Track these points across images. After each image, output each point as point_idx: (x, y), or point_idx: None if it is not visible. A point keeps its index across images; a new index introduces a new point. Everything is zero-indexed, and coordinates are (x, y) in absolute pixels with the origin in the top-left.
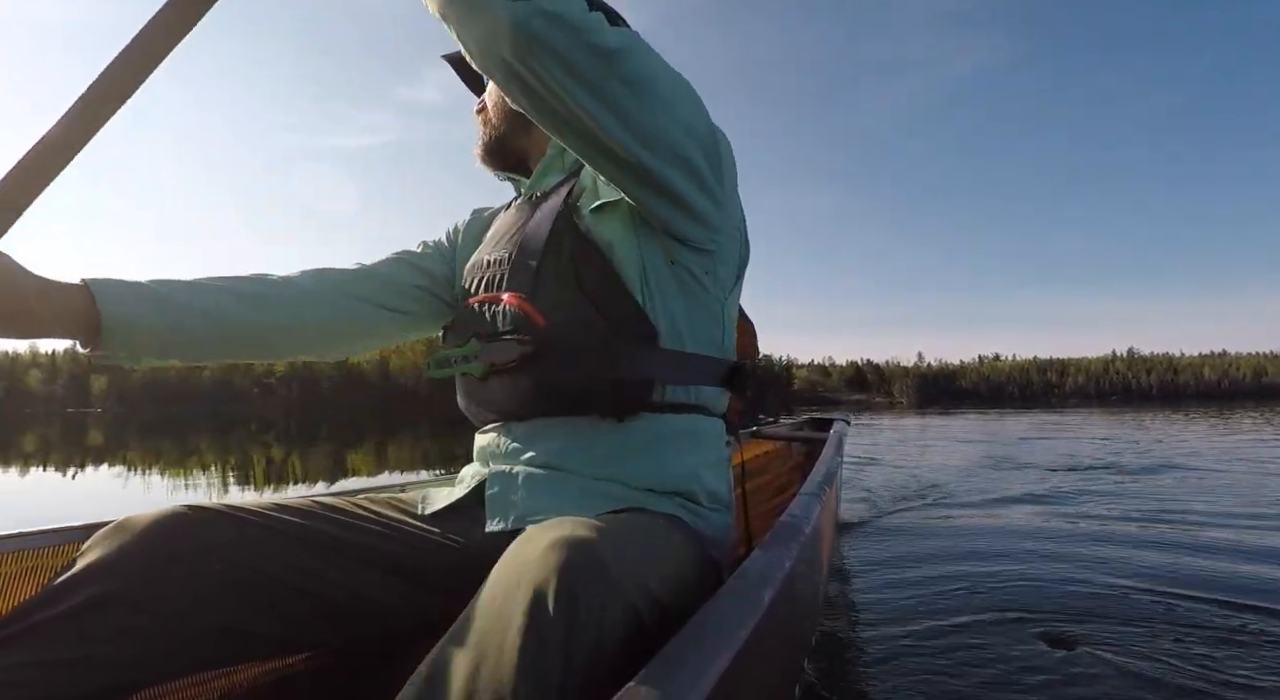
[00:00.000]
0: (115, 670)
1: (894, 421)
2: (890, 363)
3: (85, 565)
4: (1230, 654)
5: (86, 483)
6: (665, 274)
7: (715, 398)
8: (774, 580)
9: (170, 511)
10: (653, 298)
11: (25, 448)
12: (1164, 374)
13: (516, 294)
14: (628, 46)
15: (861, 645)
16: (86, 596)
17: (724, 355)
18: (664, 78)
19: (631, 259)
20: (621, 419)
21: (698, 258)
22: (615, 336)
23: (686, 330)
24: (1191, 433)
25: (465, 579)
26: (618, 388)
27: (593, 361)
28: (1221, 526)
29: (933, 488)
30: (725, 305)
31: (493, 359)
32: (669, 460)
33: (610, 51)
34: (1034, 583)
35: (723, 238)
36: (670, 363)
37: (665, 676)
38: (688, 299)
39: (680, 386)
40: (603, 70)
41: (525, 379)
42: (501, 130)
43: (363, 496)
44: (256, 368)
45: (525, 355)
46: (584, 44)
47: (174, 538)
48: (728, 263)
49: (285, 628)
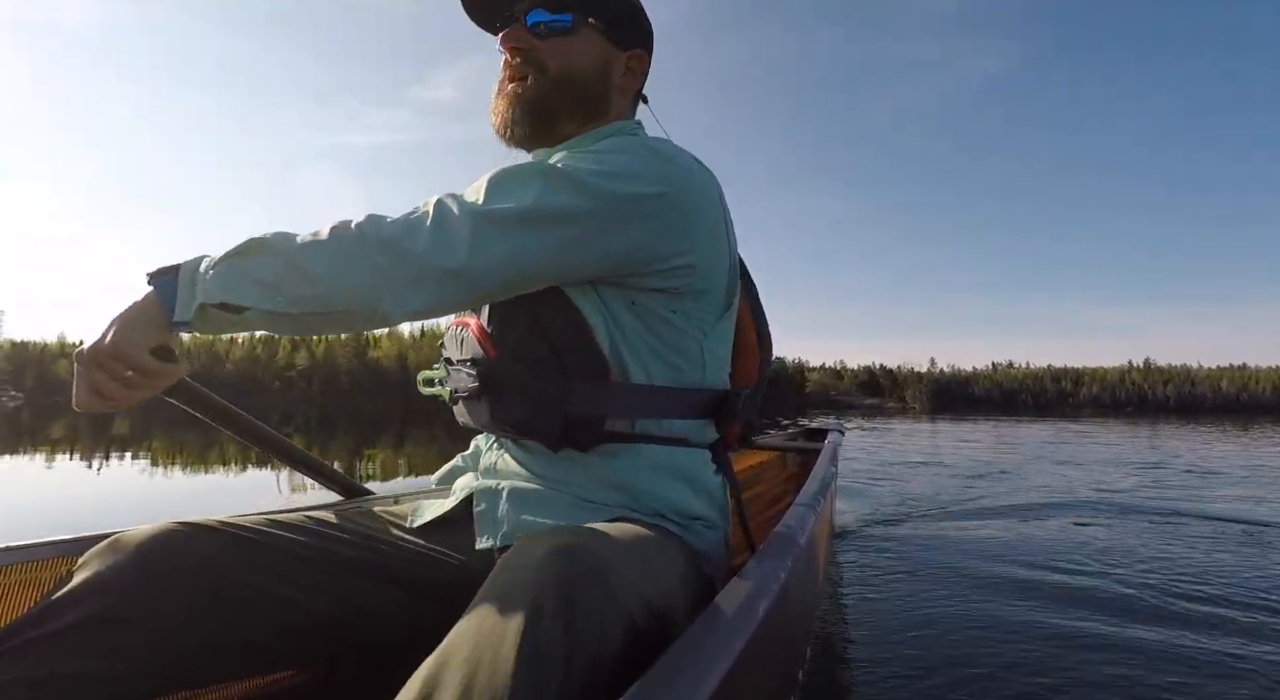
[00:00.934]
0: (110, 686)
1: (909, 427)
2: (902, 367)
3: (80, 582)
4: (1239, 663)
5: (116, 477)
6: (626, 316)
7: (696, 429)
8: (769, 591)
9: (163, 528)
10: (615, 336)
11: (53, 436)
12: (1181, 385)
13: (479, 323)
14: (472, 254)
15: (858, 656)
16: (81, 613)
17: (704, 387)
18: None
19: (589, 301)
20: (583, 450)
21: (662, 299)
22: (564, 373)
23: (655, 366)
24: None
25: (459, 590)
26: (566, 422)
27: (538, 396)
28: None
29: (933, 497)
30: (706, 339)
31: (454, 385)
32: (646, 489)
33: (456, 271)
34: (1035, 593)
35: (695, 279)
36: (634, 398)
37: (662, 687)
38: (655, 337)
39: (650, 419)
40: (462, 285)
41: (480, 406)
42: (534, 97)
43: (354, 509)
44: (279, 362)
45: (473, 388)
46: (434, 284)
47: (167, 554)
48: (705, 299)
49: (280, 641)
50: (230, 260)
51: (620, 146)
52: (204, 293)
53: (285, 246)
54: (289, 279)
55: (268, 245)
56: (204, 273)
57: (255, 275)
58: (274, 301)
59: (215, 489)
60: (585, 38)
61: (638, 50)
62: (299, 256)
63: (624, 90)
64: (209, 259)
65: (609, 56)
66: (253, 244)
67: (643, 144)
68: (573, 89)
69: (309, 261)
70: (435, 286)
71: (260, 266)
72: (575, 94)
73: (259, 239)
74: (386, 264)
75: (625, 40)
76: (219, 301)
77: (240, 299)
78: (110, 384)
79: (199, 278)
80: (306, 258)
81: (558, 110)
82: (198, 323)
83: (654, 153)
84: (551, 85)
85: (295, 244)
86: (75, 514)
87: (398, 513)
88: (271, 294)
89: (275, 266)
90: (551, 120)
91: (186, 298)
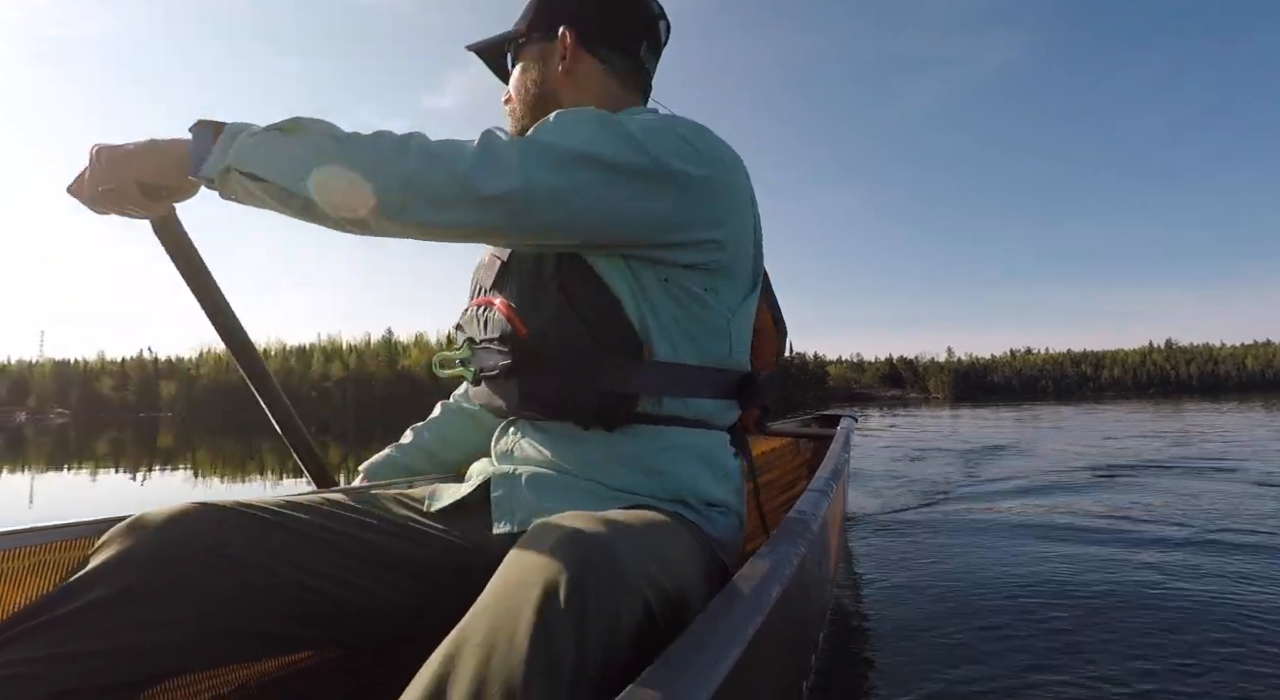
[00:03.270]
0: (131, 664)
1: (933, 415)
2: (920, 357)
3: (101, 561)
4: (1249, 659)
5: (158, 488)
6: (658, 291)
7: (720, 410)
8: (782, 577)
9: (183, 508)
10: (645, 313)
11: (99, 451)
12: (1204, 365)
13: (506, 301)
14: (523, 181)
15: (872, 642)
16: (101, 593)
17: (730, 367)
18: (595, 169)
19: (621, 276)
20: (611, 429)
21: (694, 276)
22: (598, 349)
23: (684, 344)
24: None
25: (476, 575)
26: (599, 400)
27: (572, 374)
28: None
29: (947, 482)
30: (734, 318)
31: (480, 365)
32: (667, 472)
33: (499, 197)
34: (1050, 579)
35: (724, 256)
36: (664, 376)
37: (674, 673)
38: (685, 314)
39: (677, 399)
40: (504, 214)
41: (509, 386)
42: (525, 123)
43: (373, 492)
44: (314, 373)
45: (505, 366)
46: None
47: (188, 534)
48: (733, 277)
49: (296, 623)
50: (270, 132)
51: (664, 120)
52: (235, 156)
53: (327, 132)
54: (322, 163)
55: (310, 128)
56: (245, 138)
57: (289, 151)
58: (298, 183)
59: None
60: (525, 57)
61: (561, 28)
62: (338, 145)
63: (568, 74)
64: (252, 127)
65: (543, 56)
66: (296, 123)
67: (671, 116)
68: (526, 107)
69: (346, 152)
70: (471, 208)
71: (298, 145)
72: (529, 109)
73: (303, 119)
74: (423, 172)
75: (551, 27)
76: (247, 169)
77: (267, 172)
78: (93, 188)
79: (236, 142)
80: (345, 148)
81: (531, 124)
82: (219, 182)
83: (683, 121)
84: (518, 117)
85: (338, 132)
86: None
87: (415, 496)
88: (300, 174)
89: (311, 148)
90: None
91: (219, 156)
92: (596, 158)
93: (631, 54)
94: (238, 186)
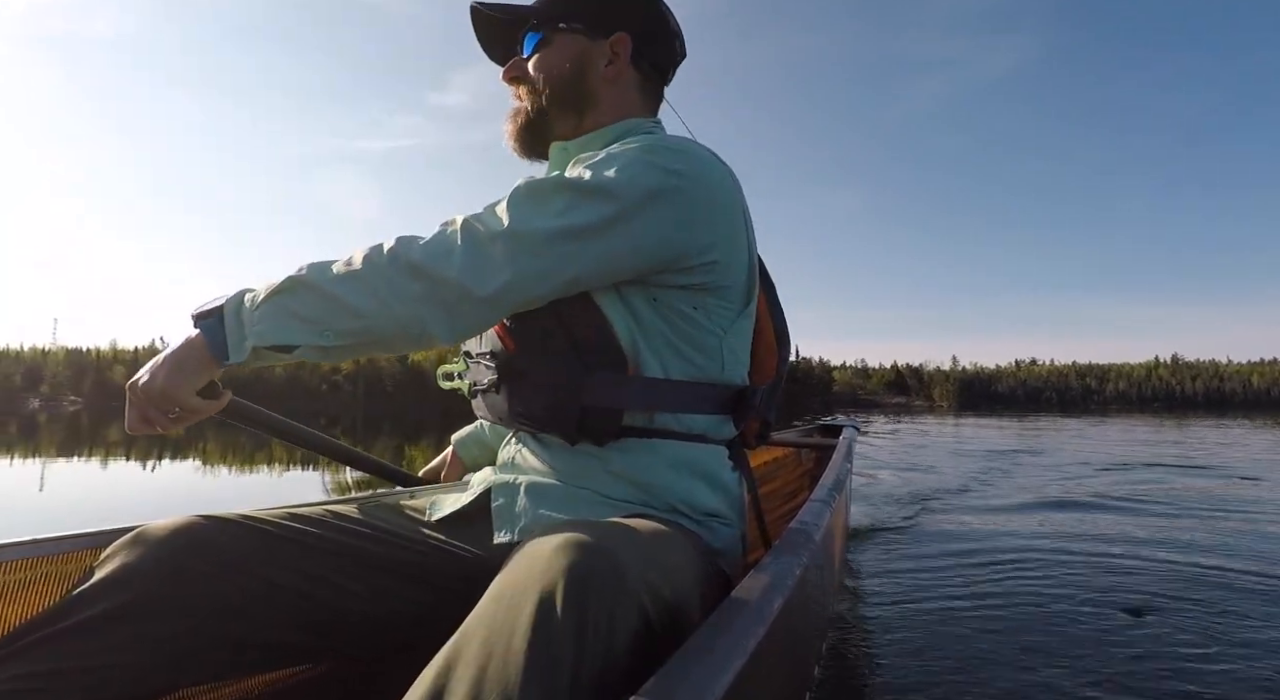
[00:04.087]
0: (134, 678)
1: (937, 424)
2: (925, 365)
3: (104, 575)
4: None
5: (167, 477)
6: (647, 310)
7: (714, 425)
8: (784, 587)
9: (186, 521)
10: (633, 330)
11: (110, 438)
12: (1210, 381)
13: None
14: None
15: (874, 654)
16: (106, 606)
17: (723, 383)
18: (578, 228)
19: (609, 296)
20: (600, 443)
21: (683, 295)
22: (583, 366)
23: (674, 360)
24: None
25: (476, 584)
26: (583, 415)
27: (556, 390)
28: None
29: (951, 492)
30: (726, 335)
31: (474, 379)
32: (660, 485)
33: (492, 297)
34: (1053, 590)
35: (713, 276)
36: (653, 391)
37: (676, 682)
38: (675, 331)
39: (668, 414)
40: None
41: (499, 400)
42: (543, 108)
43: (375, 502)
44: (323, 366)
45: (493, 381)
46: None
47: (190, 547)
48: (725, 294)
49: (298, 633)
50: (273, 300)
51: (634, 144)
52: (255, 335)
53: (324, 281)
54: (333, 314)
55: (307, 282)
56: (250, 312)
57: (300, 313)
58: (323, 337)
59: (261, 487)
60: (560, 42)
61: (619, 33)
62: (338, 290)
63: (612, 78)
64: (250, 297)
65: (585, 50)
66: (292, 282)
67: (657, 140)
68: (554, 92)
69: (349, 295)
70: (474, 311)
71: (303, 304)
72: (557, 96)
73: (297, 276)
74: (423, 291)
75: (606, 28)
76: (269, 345)
77: (290, 340)
78: (161, 417)
79: (246, 318)
80: (346, 291)
81: (549, 115)
82: (251, 361)
83: (666, 146)
84: (537, 96)
85: (332, 276)
86: (127, 511)
87: (416, 506)
88: (320, 330)
89: (317, 303)
90: (546, 127)
91: (237, 340)
92: (572, 229)
93: (663, 73)
94: (271, 358)
